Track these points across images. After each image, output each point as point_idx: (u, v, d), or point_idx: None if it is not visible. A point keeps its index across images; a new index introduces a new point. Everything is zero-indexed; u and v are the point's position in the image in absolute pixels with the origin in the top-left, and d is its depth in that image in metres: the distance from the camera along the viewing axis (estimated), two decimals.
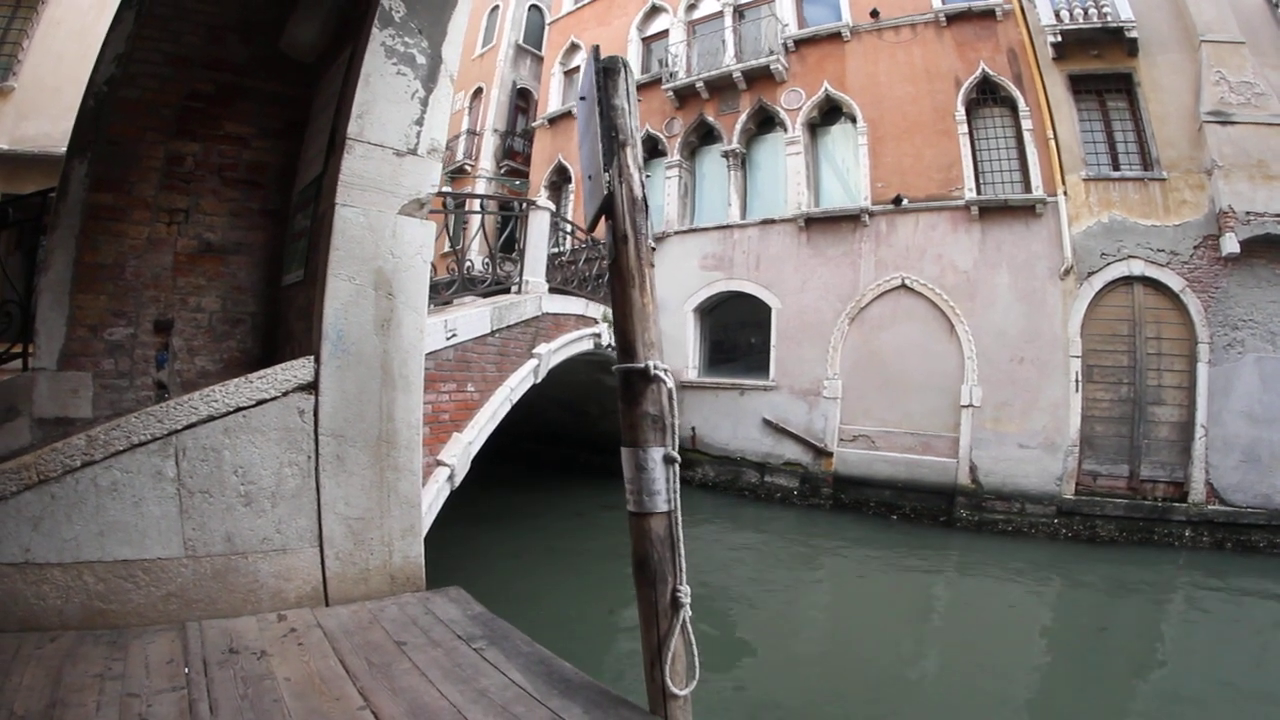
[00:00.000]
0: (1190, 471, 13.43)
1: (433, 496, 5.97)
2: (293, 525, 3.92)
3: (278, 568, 3.87)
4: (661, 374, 3.12)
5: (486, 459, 7.91)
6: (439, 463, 6.28)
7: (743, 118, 18.96)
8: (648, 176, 19.23)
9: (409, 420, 4.42)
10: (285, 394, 3.92)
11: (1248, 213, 13.25)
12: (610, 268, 3.34)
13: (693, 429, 18.01)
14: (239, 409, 3.76)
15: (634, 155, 3.30)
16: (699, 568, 11.19)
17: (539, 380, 9.14)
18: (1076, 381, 14.23)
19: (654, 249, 18.26)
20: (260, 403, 3.83)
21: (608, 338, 12.18)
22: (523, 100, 28.68)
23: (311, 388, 4.01)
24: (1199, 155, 13.98)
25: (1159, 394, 13.98)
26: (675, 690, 2.95)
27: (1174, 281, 13.91)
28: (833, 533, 14.07)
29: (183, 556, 3.61)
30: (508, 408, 7.99)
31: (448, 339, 6.61)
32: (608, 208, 3.30)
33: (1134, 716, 7.49)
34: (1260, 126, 13.61)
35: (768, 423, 16.95)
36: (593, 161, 3.41)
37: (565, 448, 19.24)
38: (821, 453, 16.14)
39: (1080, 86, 15.35)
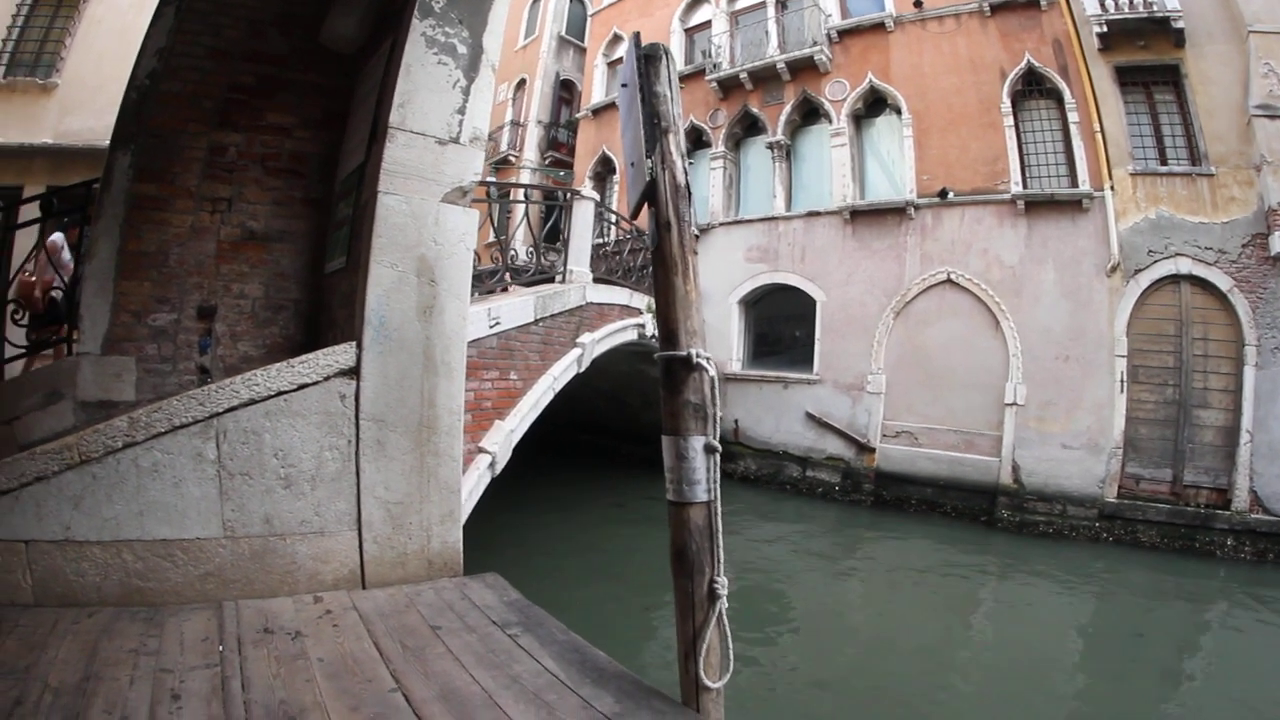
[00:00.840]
0: (1234, 478, 13.06)
1: (473, 483, 6.00)
2: (332, 508, 3.96)
3: (315, 550, 3.92)
4: (704, 362, 3.10)
5: (528, 447, 7.93)
6: (480, 450, 6.31)
7: (787, 109, 18.83)
8: (691, 164, 19.19)
9: (450, 406, 4.45)
10: (327, 379, 3.96)
11: None
12: (653, 255, 3.32)
13: (735, 422, 17.97)
14: (280, 393, 3.80)
15: (676, 142, 3.28)
16: (738, 561, 11.16)
17: (582, 369, 9.17)
18: (1122, 382, 13.98)
19: (697, 237, 18.26)
20: (301, 387, 3.87)
21: (651, 328, 12.16)
22: (566, 91, 28.81)
23: (353, 373, 4.05)
24: (1248, 150, 13.59)
25: (1204, 397, 13.65)
26: (709, 683, 2.94)
27: (1222, 281, 13.55)
28: (874, 529, 14.08)
29: (221, 537, 3.66)
30: (550, 396, 8.02)
31: (491, 327, 6.64)
32: (650, 195, 3.28)
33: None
34: None
35: (811, 417, 16.90)
36: (635, 149, 3.39)
37: (607, 438, 19.19)
38: (864, 448, 16.08)
39: (1127, 78, 15.02)
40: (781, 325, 19.06)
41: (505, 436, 6.65)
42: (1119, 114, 14.83)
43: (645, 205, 3.36)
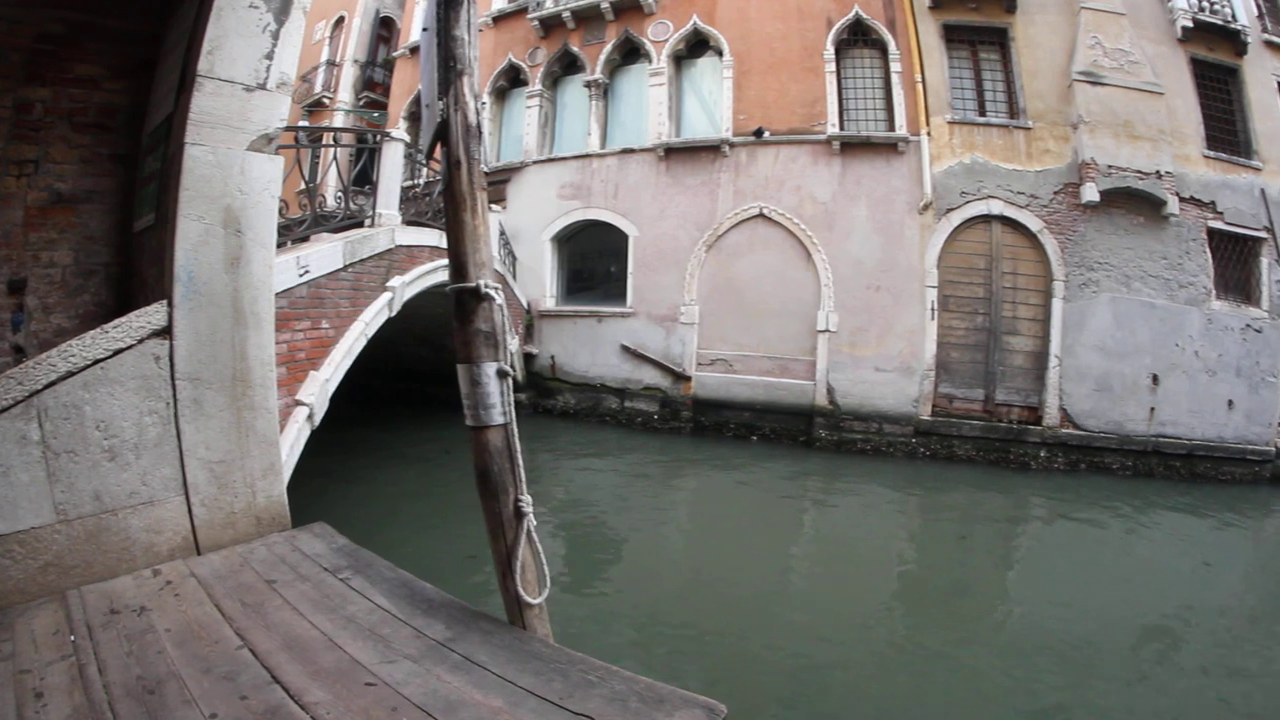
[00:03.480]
0: (1044, 397, 14.48)
1: (294, 436, 5.95)
2: (157, 475, 3.92)
3: (147, 521, 3.87)
4: (492, 292, 3.27)
5: (350, 400, 7.84)
6: (298, 402, 6.21)
7: (608, 48, 18.86)
8: (483, 104, 19.19)
9: (262, 358, 4.43)
10: (141, 341, 3.88)
11: (1110, 166, 14.25)
12: (444, 192, 3.47)
13: (552, 358, 18.27)
14: (96, 361, 3.71)
15: (470, 84, 3.42)
16: (562, 494, 11.60)
17: (394, 314, 9.06)
18: (932, 310, 14.98)
19: (505, 180, 18.13)
20: (117, 352, 3.78)
21: None
22: (385, 29, 27.62)
23: (166, 332, 3.98)
24: (1066, 110, 14.91)
25: (1014, 325, 14.90)
26: (529, 599, 3.16)
27: (1032, 222, 14.82)
28: (694, 454, 14.58)
29: (55, 522, 3.55)
30: (363, 343, 7.93)
31: (300, 275, 6.49)
32: (443, 135, 3.42)
33: (993, 606, 8.24)
34: (1131, 91, 14.62)
35: (626, 349, 17.32)
36: (431, 90, 3.51)
37: (427, 384, 18.70)
38: (680, 377, 16.65)
39: (954, 36, 15.97)
40: (595, 261, 19.35)
41: (321, 387, 6.58)
42: (942, 67, 15.77)
43: (439, 144, 3.47)
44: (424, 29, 3.67)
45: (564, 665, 2.81)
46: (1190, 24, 15.32)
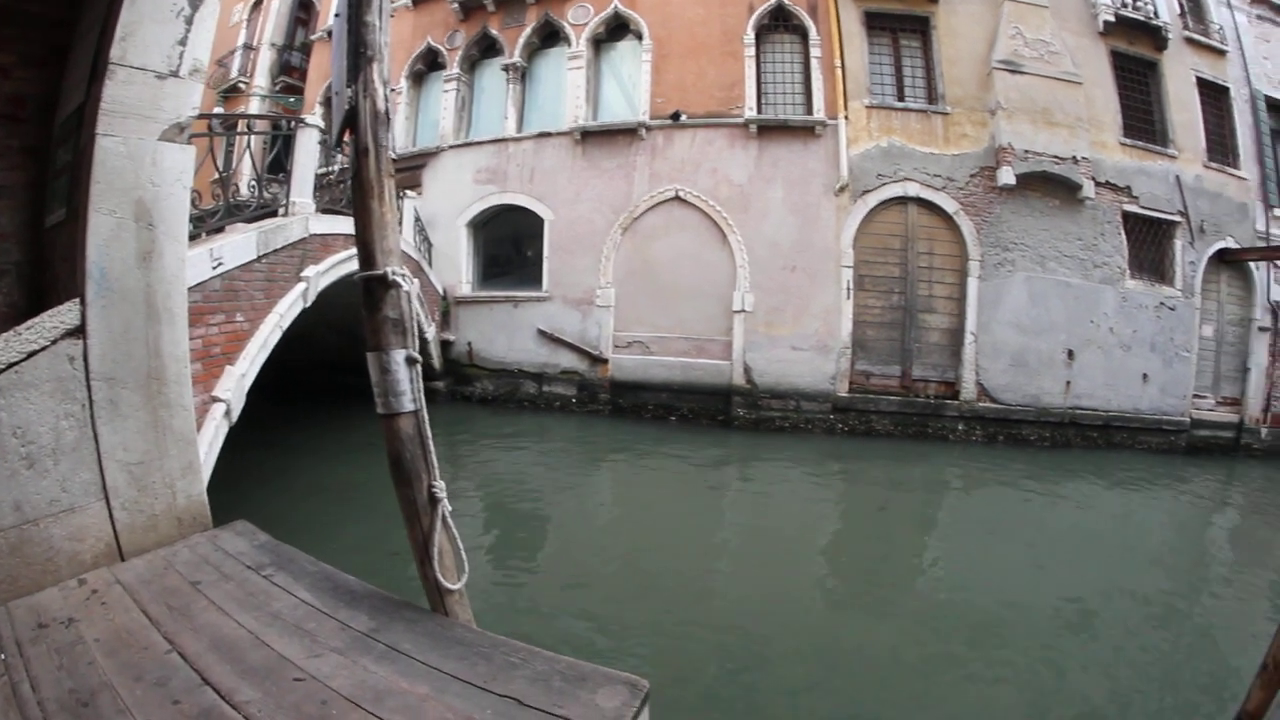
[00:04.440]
0: (961, 373, 15.07)
1: (212, 434, 5.88)
2: (76, 480, 3.83)
3: (69, 529, 3.78)
4: (400, 279, 3.27)
5: (269, 394, 7.70)
6: (214, 399, 6.13)
7: (527, 31, 18.79)
8: (397, 89, 19.15)
9: (176, 354, 4.35)
10: (54, 342, 3.78)
11: (1026, 151, 14.90)
12: (352, 179, 3.44)
13: (469, 344, 18.15)
14: (10, 365, 3.60)
15: (380, 71, 3.40)
16: (480, 479, 11.62)
17: (308, 304, 8.93)
18: (848, 289, 15.35)
19: (403, 157, 18.36)
20: (31, 355, 3.68)
21: None
22: (304, 12, 26.87)
23: (79, 332, 3.88)
24: (985, 97, 15.49)
25: (930, 303, 15.42)
26: (448, 585, 3.19)
27: (948, 204, 15.34)
28: (612, 436, 14.72)
29: None
30: (278, 335, 7.82)
31: (214, 268, 6.39)
32: (351, 121, 3.41)
33: (912, 577, 8.52)
34: (1050, 80, 15.31)
35: (542, 333, 17.35)
36: (341, 77, 3.50)
37: (347, 374, 18.06)
38: (597, 360, 16.77)
39: (876, 23, 16.36)
40: (511, 246, 19.37)
41: (237, 382, 6.50)
42: (862, 53, 16.14)
43: (348, 131, 3.48)
44: (336, 15, 3.61)
45: (487, 649, 2.87)
46: (1112, 18, 16.10)
